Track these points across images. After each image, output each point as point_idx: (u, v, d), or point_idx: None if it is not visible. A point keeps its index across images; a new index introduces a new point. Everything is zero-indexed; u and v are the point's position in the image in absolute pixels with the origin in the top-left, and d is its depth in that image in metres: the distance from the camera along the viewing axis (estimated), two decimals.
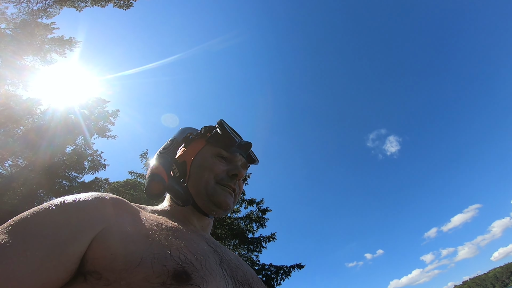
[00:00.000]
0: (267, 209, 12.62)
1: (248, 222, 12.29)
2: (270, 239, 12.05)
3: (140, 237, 0.55)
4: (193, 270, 0.52)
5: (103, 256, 0.49)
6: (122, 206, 0.62)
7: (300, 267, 11.52)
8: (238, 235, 11.65)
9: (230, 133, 0.84)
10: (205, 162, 0.79)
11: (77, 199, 0.55)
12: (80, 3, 14.22)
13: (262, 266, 11.58)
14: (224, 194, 0.76)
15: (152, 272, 0.48)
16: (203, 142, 0.85)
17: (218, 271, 0.59)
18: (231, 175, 0.79)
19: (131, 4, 13.01)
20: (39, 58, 14.03)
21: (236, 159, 0.84)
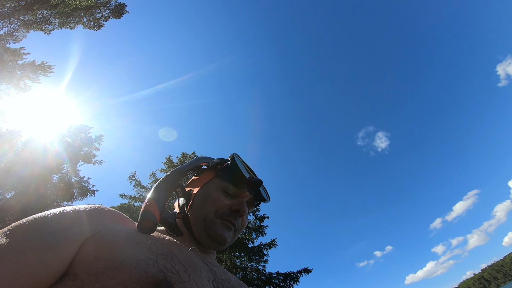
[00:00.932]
0: (264, 217, 12.57)
1: (246, 231, 12.08)
2: (271, 246, 11.92)
3: (129, 243, 0.54)
4: (177, 280, 0.50)
5: (85, 259, 0.49)
6: (118, 216, 0.64)
7: (307, 271, 11.43)
8: (238, 245, 11.43)
9: (240, 169, 0.82)
10: (209, 195, 0.78)
11: (75, 208, 0.58)
12: (47, 25, 13.73)
13: (269, 275, 11.41)
14: (221, 228, 0.74)
15: (129, 277, 0.47)
16: (212, 174, 0.83)
17: (208, 286, 0.57)
18: (233, 211, 0.77)
19: (101, 25, 12.64)
20: (12, 86, 13.60)
21: (242, 195, 0.81)
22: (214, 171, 0.84)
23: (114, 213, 0.64)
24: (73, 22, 13.06)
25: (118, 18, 12.45)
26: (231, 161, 0.84)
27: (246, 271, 11.34)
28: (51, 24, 13.76)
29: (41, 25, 13.86)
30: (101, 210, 0.62)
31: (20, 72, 13.78)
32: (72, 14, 12.90)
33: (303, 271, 11.42)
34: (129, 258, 0.50)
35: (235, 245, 11.41)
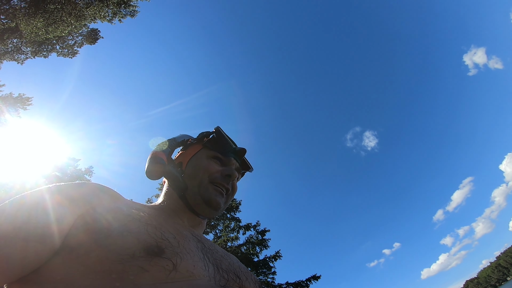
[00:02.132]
0: (265, 230, 12.49)
1: (250, 246, 12.07)
2: (276, 258, 11.88)
3: (120, 215, 0.57)
4: (167, 245, 0.53)
5: (80, 232, 0.51)
6: (110, 191, 0.67)
7: (316, 278, 11.40)
8: (243, 260, 11.35)
9: (226, 139, 0.89)
10: (201, 163, 0.81)
11: (69, 184, 0.60)
12: (20, 55, 12.96)
13: (279, 286, 11.41)
14: (215, 193, 0.78)
15: (122, 243, 0.49)
16: (199, 146, 0.88)
17: (197, 253, 0.59)
18: (225, 176, 0.81)
19: (76, 52, 12.00)
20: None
21: (230, 162, 0.86)
22: (201, 143, 0.89)
23: (106, 189, 0.67)
24: (46, 50, 12.35)
25: (92, 44, 11.82)
26: (217, 132, 0.90)
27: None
28: (23, 54, 13.00)
29: (13, 55, 13.08)
30: (94, 186, 0.65)
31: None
32: (44, 42, 12.16)
33: (312, 278, 11.40)
34: (121, 228, 0.52)
35: (241, 261, 11.00)
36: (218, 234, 12.34)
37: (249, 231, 12.42)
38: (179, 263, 0.51)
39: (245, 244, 12.12)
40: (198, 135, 0.93)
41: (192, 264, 0.54)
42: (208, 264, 0.60)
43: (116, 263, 0.46)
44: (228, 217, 12.65)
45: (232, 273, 0.65)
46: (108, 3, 10.41)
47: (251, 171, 0.98)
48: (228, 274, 0.63)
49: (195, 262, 0.55)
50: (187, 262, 0.53)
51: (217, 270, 0.61)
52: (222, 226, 12.43)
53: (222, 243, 11.62)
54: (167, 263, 0.49)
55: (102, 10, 10.51)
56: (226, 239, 11.80)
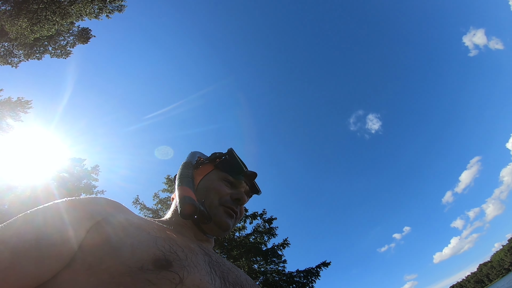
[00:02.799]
0: (272, 218, 12.57)
1: (257, 235, 12.18)
2: (284, 246, 11.98)
3: (130, 228, 0.58)
4: (175, 258, 0.53)
5: (91, 244, 0.52)
6: (119, 205, 0.68)
7: (325, 265, 11.49)
8: (252, 250, 11.50)
9: (238, 161, 0.89)
10: (212, 184, 0.83)
11: (79, 199, 0.61)
12: (13, 58, 12.72)
13: (289, 274, 11.47)
14: (225, 215, 0.79)
15: (131, 256, 0.50)
16: (211, 167, 0.89)
17: (204, 267, 0.59)
18: (234, 199, 0.82)
19: (69, 52, 11.70)
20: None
21: (240, 185, 0.88)
22: (213, 163, 0.90)
23: (114, 203, 0.67)
24: (39, 52, 12.05)
25: (85, 43, 11.46)
26: (229, 154, 0.90)
27: (266, 274, 11.48)
28: (16, 57, 12.74)
29: (5, 59, 12.83)
30: (104, 200, 0.65)
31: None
32: (35, 44, 11.84)
33: (322, 265, 11.50)
34: (131, 240, 0.53)
35: (250, 250, 11.50)
36: None
37: (255, 220, 12.51)
38: (186, 277, 0.51)
39: (253, 233, 12.22)
40: (210, 155, 0.94)
41: (199, 278, 0.53)
42: (215, 278, 0.60)
43: (125, 276, 0.47)
44: None
45: (239, 286, 0.65)
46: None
47: (259, 194, 0.99)
48: (234, 287, 0.63)
49: (202, 276, 0.55)
50: (194, 276, 0.53)
51: (224, 283, 0.61)
52: None
53: (230, 234, 11.69)
54: (173, 277, 0.49)
55: (86, 6, 10.13)
56: (233, 229, 11.81)
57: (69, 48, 11.58)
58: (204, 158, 0.93)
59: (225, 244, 11.75)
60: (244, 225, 12.36)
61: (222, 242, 11.70)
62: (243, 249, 11.53)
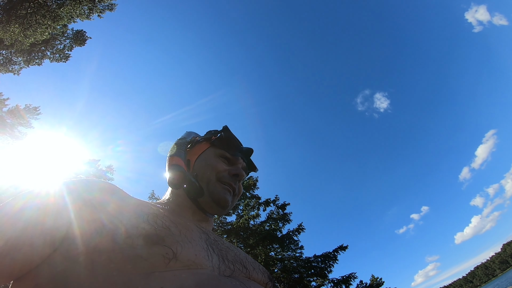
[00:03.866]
0: (285, 204, 12.48)
1: (272, 222, 12.15)
2: (299, 231, 11.92)
3: (121, 207, 0.56)
4: (167, 234, 0.52)
5: (80, 225, 0.50)
6: (111, 187, 0.65)
7: (343, 248, 11.36)
8: (267, 237, 11.46)
9: (234, 138, 0.88)
10: (208, 161, 0.81)
11: (70, 181, 0.61)
12: (14, 66, 12.54)
13: (307, 260, 11.45)
14: (223, 191, 0.77)
15: (120, 233, 0.48)
16: (207, 145, 0.87)
17: (200, 243, 0.57)
18: (232, 175, 0.80)
19: (68, 56, 11.35)
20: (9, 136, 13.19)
21: (238, 161, 0.86)
22: (209, 141, 0.88)
23: (107, 184, 0.65)
24: (38, 58, 11.76)
25: (82, 46, 11.03)
26: (225, 131, 0.88)
27: (284, 261, 11.54)
28: (16, 64, 12.53)
29: (6, 67, 12.65)
30: (95, 181, 0.64)
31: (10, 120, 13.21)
32: (33, 50, 11.53)
33: (339, 248, 11.40)
34: (120, 217, 0.52)
35: (265, 237, 11.48)
36: (240, 213, 12.49)
37: (269, 206, 12.46)
38: (180, 251, 0.50)
39: (267, 220, 12.21)
40: (205, 133, 0.92)
41: (193, 253, 0.52)
42: (212, 255, 0.58)
43: (115, 252, 0.46)
44: (248, 195, 12.64)
45: (239, 264, 0.63)
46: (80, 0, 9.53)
47: (256, 172, 0.98)
48: (234, 264, 0.61)
49: (197, 251, 0.54)
50: (188, 250, 0.51)
51: (222, 261, 0.59)
52: (242, 206, 12.52)
53: (244, 222, 11.76)
54: (166, 251, 0.48)
55: (76, 7, 9.66)
56: (247, 218, 11.92)
57: (67, 51, 11.24)
58: (199, 137, 0.91)
59: (241, 233, 11.83)
60: (258, 212, 12.32)
61: (238, 231, 11.80)
62: (258, 237, 11.55)
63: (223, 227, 12.29)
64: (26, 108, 13.05)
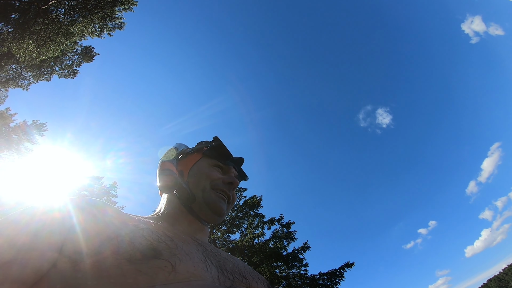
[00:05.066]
0: (290, 223, 12.16)
1: (277, 241, 11.80)
2: (305, 249, 11.56)
3: (115, 223, 0.56)
4: (164, 247, 0.52)
5: (75, 242, 0.50)
6: (104, 204, 0.64)
7: (349, 265, 10.99)
8: (272, 255, 11.13)
9: (225, 147, 0.89)
10: (202, 170, 0.81)
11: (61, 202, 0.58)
12: (23, 81, 12.63)
13: (312, 278, 11.05)
14: (218, 200, 0.77)
15: (118, 248, 0.48)
16: (199, 155, 0.87)
17: (197, 255, 0.57)
18: (227, 183, 0.81)
19: (76, 72, 11.41)
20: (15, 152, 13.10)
21: (230, 170, 0.87)
22: (201, 152, 0.88)
23: (99, 202, 0.64)
24: (47, 73, 11.79)
25: (89, 62, 11.10)
26: (216, 141, 0.89)
27: (289, 279, 11.14)
28: (25, 79, 12.58)
29: (16, 81, 12.66)
30: (88, 199, 0.62)
31: (16, 136, 13.17)
32: (43, 65, 11.58)
33: (345, 266, 11.02)
34: (117, 232, 0.52)
35: (270, 255, 11.11)
36: (244, 232, 12.12)
37: (273, 225, 12.10)
38: (178, 264, 0.49)
39: (271, 239, 11.84)
40: (196, 144, 0.93)
41: (192, 265, 0.52)
42: (211, 266, 0.57)
43: (114, 268, 0.45)
44: (252, 214, 12.33)
45: (238, 274, 0.62)
46: (92, 18, 9.62)
47: (247, 180, 0.98)
48: (233, 275, 0.61)
49: (196, 263, 0.53)
50: (186, 263, 0.51)
51: (221, 272, 0.59)
52: (246, 224, 12.16)
53: (248, 241, 11.40)
54: (165, 265, 0.48)
55: (87, 26, 9.75)
56: (252, 236, 11.55)
57: (75, 67, 11.28)
58: (190, 149, 0.91)
59: (245, 251, 11.45)
60: (263, 231, 11.92)
61: (242, 249, 11.39)
62: (263, 255, 11.16)
63: (227, 245, 11.96)
64: (33, 124, 13.04)
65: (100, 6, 9.39)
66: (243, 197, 13.01)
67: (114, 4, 9.56)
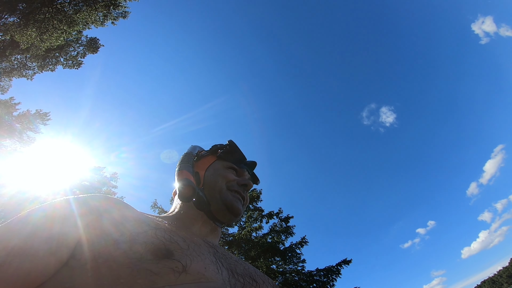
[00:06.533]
0: (288, 217, 11.92)
1: (274, 235, 11.58)
2: (303, 244, 11.34)
3: (129, 222, 0.55)
4: (176, 248, 0.51)
5: (88, 239, 0.49)
6: (117, 201, 0.64)
7: (346, 262, 10.75)
8: (270, 249, 10.88)
9: (239, 150, 0.89)
10: (218, 171, 0.82)
11: (77, 197, 0.58)
12: (27, 71, 12.57)
13: (309, 274, 10.79)
14: (235, 200, 0.78)
15: (129, 248, 0.47)
16: (214, 158, 0.88)
17: (208, 257, 0.56)
18: (241, 185, 0.82)
19: (81, 63, 11.28)
20: (17, 141, 13.02)
21: (244, 173, 0.88)
22: (215, 154, 0.89)
23: (112, 199, 0.63)
24: (52, 64, 11.67)
25: (94, 53, 10.97)
26: (230, 145, 0.90)
27: (286, 274, 10.89)
28: (30, 69, 12.49)
29: (20, 71, 12.55)
30: (101, 196, 0.61)
31: (19, 124, 13.08)
32: (47, 56, 11.48)
33: (343, 262, 10.78)
34: (129, 233, 0.51)
35: (267, 250, 10.84)
36: (243, 225, 11.89)
37: (272, 219, 11.86)
38: (189, 265, 0.48)
39: (270, 233, 11.60)
40: (211, 147, 0.93)
41: (203, 266, 0.51)
42: (222, 268, 0.56)
43: (124, 268, 0.44)
44: (251, 208, 12.08)
45: (248, 277, 0.62)
46: (96, 6, 9.56)
47: (258, 184, 0.99)
48: (244, 278, 0.60)
49: (207, 265, 0.52)
50: (197, 264, 0.50)
51: (232, 274, 0.58)
52: (245, 218, 11.92)
53: (246, 234, 11.18)
54: (176, 265, 0.47)
55: (91, 14, 9.69)
56: (250, 229, 11.34)
57: (80, 58, 11.18)
58: (205, 151, 0.93)
59: (242, 245, 11.22)
60: (261, 225, 11.63)
61: (240, 243, 11.20)
62: (260, 249, 10.88)
63: (225, 239, 11.77)
64: (37, 114, 12.92)
65: None
66: None
67: None
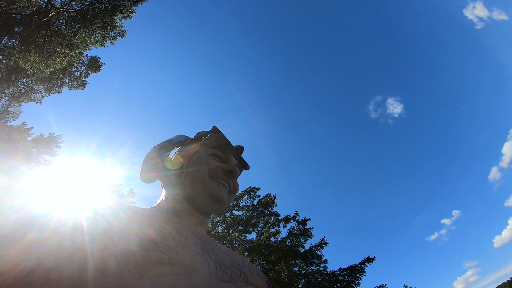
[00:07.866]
0: (306, 219, 11.68)
1: (293, 238, 11.37)
2: (322, 245, 11.07)
3: (116, 215, 0.55)
4: (161, 239, 0.50)
5: (74, 235, 0.48)
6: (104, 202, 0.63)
7: (370, 260, 10.48)
8: (290, 253, 10.71)
9: (224, 136, 0.85)
10: (201, 159, 0.78)
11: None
12: (35, 95, 12.53)
13: (332, 274, 10.55)
14: (218, 188, 0.74)
15: (114, 240, 0.47)
16: (198, 145, 0.85)
17: (195, 249, 0.55)
18: (226, 172, 0.78)
19: (85, 83, 11.08)
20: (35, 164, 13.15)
21: (230, 159, 0.84)
22: (199, 142, 0.87)
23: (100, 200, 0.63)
24: (57, 86, 11.58)
25: (97, 72, 10.73)
26: (214, 131, 0.88)
27: (308, 276, 10.73)
28: (37, 92, 12.44)
29: (29, 96, 12.49)
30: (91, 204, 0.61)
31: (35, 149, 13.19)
32: (52, 78, 11.40)
33: (366, 261, 10.50)
34: (113, 226, 0.50)
35: (287, 253, 10.67)
36: (260, 231, 11.66)
37: (289, 223, 11.65)
38: (175, 257, 0.48)
39: (288, 237, 11.39)
40: (195, 135, 0.91)
41: (189, 258, 0.50)
42: (209, 260, 0.56)
43: (109, 260, 0.43)
44: (267, 213, 11.85)
45: (236, 269, 0.61)
46: (93, 28, 9.29)
47: (248, 169, 0.94)
48: (231, 269, 0.59)
49: (193, 257, 0.52)
50: (183, 256, 0.50)
51: (219, 266, 0.57)
52: (262, 223, 11.70)
53: (265, 239, 10.97)
54: (161, 257, 0.46)
55: (90, 35, 9.43)
56: (268, 235, 11.14)
57: (84, 78, 11.01)
58: (189, 139, 0.90)
59: (262, 250, 11.09)
60: (278, 229, 11.47)
61: (259, 249, 11.02)
62: (280, 254, 10.73)
63: (244, 245, 11.66)
64: (50, 137, 12.98)
65: (100, 15, 8.91)
66: (256, 196, 12.58)
67: (113, 13, 9.06)
